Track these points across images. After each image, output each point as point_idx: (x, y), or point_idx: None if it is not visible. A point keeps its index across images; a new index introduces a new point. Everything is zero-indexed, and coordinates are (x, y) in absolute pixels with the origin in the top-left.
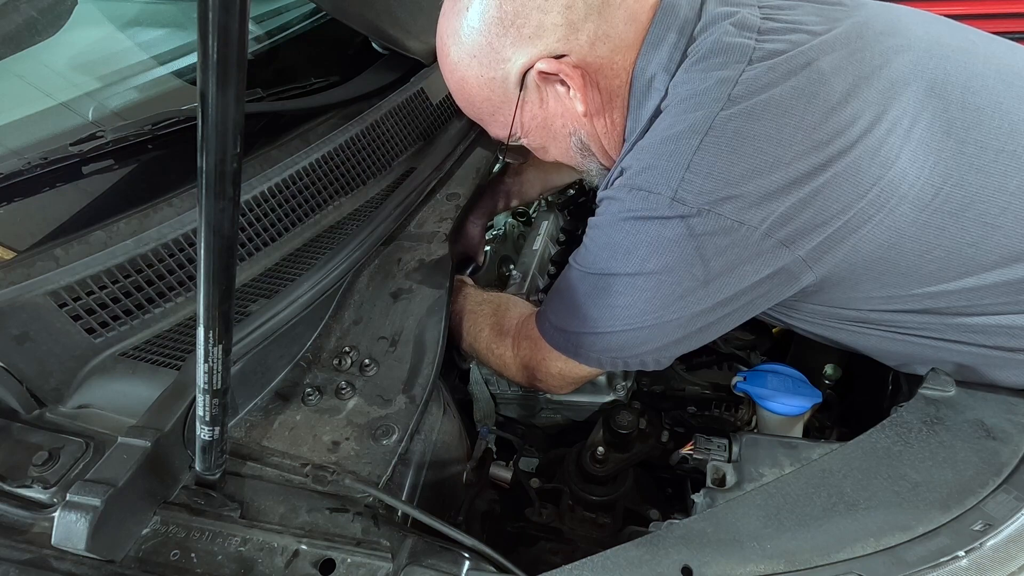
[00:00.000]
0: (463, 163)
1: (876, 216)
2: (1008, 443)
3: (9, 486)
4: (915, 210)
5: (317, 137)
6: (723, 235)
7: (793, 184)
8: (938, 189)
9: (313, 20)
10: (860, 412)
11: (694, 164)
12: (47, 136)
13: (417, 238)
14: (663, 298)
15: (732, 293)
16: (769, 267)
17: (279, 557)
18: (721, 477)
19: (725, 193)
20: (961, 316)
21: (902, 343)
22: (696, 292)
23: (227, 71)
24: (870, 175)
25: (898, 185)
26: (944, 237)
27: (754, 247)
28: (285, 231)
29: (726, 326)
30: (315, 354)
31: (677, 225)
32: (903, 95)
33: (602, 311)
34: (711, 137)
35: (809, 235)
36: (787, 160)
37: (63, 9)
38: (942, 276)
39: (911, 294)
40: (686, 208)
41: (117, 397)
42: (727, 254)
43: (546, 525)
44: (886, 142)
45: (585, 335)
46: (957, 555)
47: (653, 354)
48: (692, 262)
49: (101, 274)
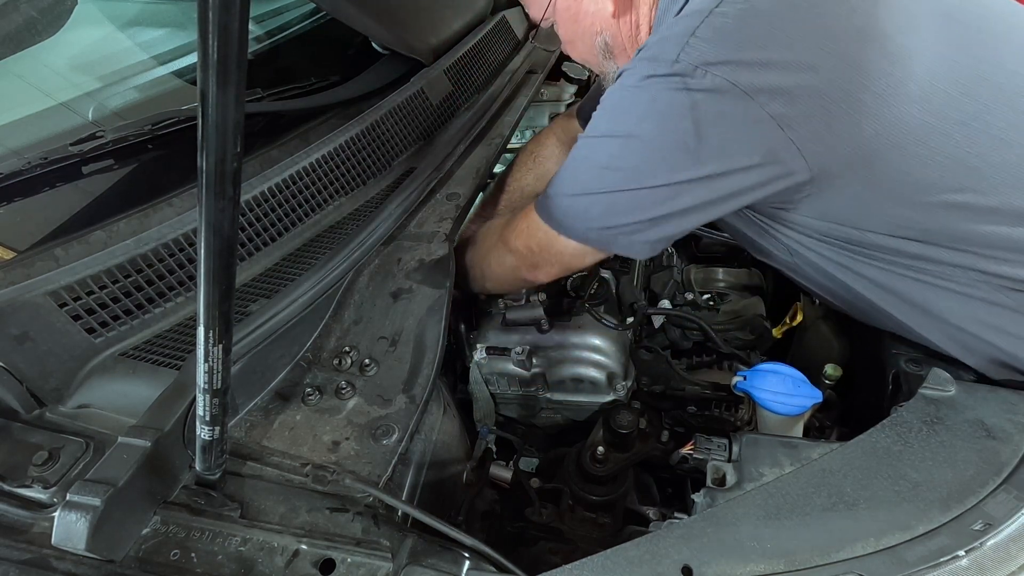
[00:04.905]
0: (463, 163)
1: (880, 111)
2: (1008, 443)
3: (9, 486)
4: (922, 112)
5: (317, 137)
6: (718, 98)
7: (793, 61)
8: (948, 95)
9: (313, 20)
10: (860, 412)
11: (700, 30)
12: (47, 136)
13: (417, 238)
14: (652, 161)
15: (721, 170)
16: (761, 148)
17: (279, 557)
18: (721, 477)
19: (724, 57)
20: (962, 252)
21: (901, 281)
22: (685, 160)
23: (227, 71)
24: (878, 68)
25: (905, 84)
26: (950, 144)
27: (749, 118)
28: (285, 231)
29: (712, 212)
30: (315, 354)
31: (675, 83)
32: (923, 14)
33: (590, 172)
34: (722, 8)
35: (805, 118)
36: (792, 38)
37: (63, 9)
38: (944, 185)
39: (915, 216)
40: (684, 67)
41: (117, 397)
42: (720, 120)
43: (546, 525)
44: (901, 45)
45: (567, 197)
46: (957, 555)
47: (631, 232)
48: (685, 127)
49: (101, 274)
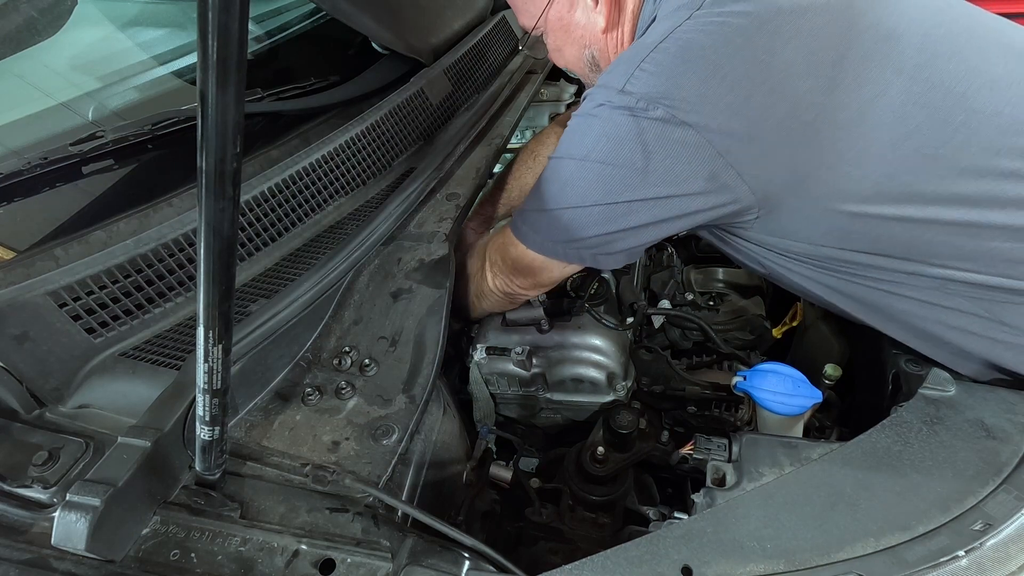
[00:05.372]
0: (463, 163)
1: (813, 140)
2: (1008, 443)
3: (9, 486)
4: (852, 136)
5: (317, 137)
6: (662, 126)
7: (729, 95)
8: (879, 120)
9: (313, 20)
10: (860, 412)
11: (644, 63)
12: (47, 136)
13: (417, 238)
14: (605, 180)
15: (670, 193)
16: (705, 174)
17: (279, 557)
18: (721, 477)
19: (665, 91)
20: (911, 261)
21: (862, 289)
22: (635, 181)
23: (227, 71)
24: (808, 101)
25: (835, 113)
26: (884, 163)
27: (691, 145)
28: (285, 231)
29: (669, 228)
30: (315, 354)
31: (623, 112)
32: (860, 36)
33: (554, 190)
34: (668, 42)
35: (743, 147)
36: (725, 72)
37: (63, 9)
38: (880, 197)
39: (859, 230)
40: (631, 99)
41: (117, 397)
42: (666, 147)
43: (546, 525)
44: (833, 78)
45: (533, 212)
46: (957, 555)
47: (593, 246)
48: (633, 152)
49: (101, 274)
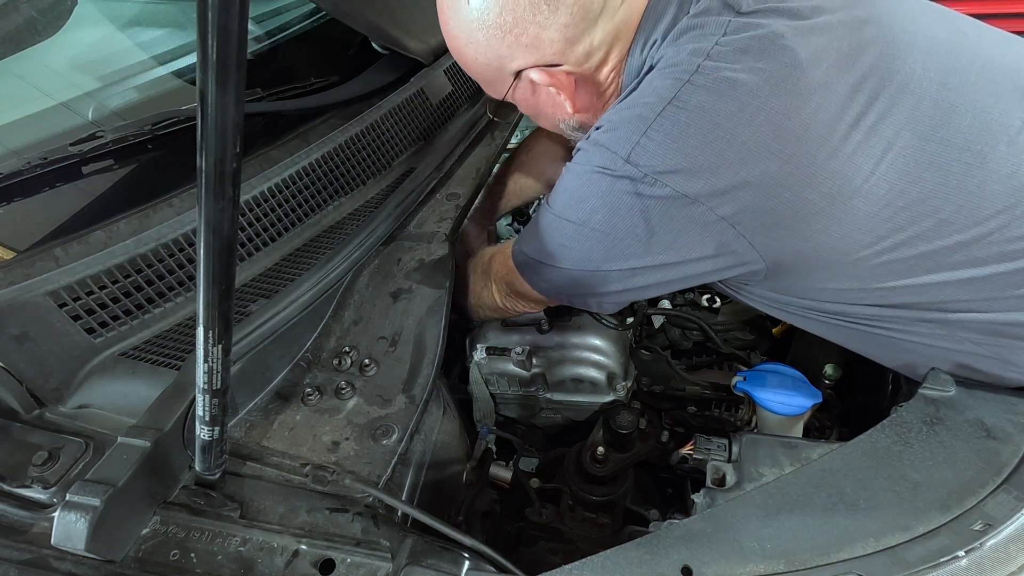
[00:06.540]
0: (463, 163)
1: (828, 208)
2: (1008, 443)
3: (9, 486)
4: (867, 203)
5: (317, 137)
6: (668, 204)
7: (744, 166)
8: (892, 185)
9: (313, 20)
10: (860, 412)
11: (651, 131)
12: (47, 136)
13: (417, 238)
14: (605, 250)
15: (674, 260)
16: (713, 243)
17: (279, 557)
18: (721, 477)
19: (674, 164)
20: (937, 311)
21: (867, 334)
22: (637, 252)
23: (227, 71)
24: (825, 167)
25: (851, 179)
26: (897, 232)
27: (699, 221)
28: (285, 231)
29: (670, 288)
30: (315, 354)
31: (626, 185)
32: (873, 89)
33: (554, 247)
34: (672, 107)
35: (756, 218)
36: (741, 141)
37: (63, 9)
38: (898, 272)
39: (868, 288)
40: (636, 171)
41: (117, 397)
42: (671, 223)
43: (546, 525)
44: (847, 137)
45: (538, 263)
46: (957, 555)
47: (595, 298)
48: (636, 223)
49: (101, 274)
